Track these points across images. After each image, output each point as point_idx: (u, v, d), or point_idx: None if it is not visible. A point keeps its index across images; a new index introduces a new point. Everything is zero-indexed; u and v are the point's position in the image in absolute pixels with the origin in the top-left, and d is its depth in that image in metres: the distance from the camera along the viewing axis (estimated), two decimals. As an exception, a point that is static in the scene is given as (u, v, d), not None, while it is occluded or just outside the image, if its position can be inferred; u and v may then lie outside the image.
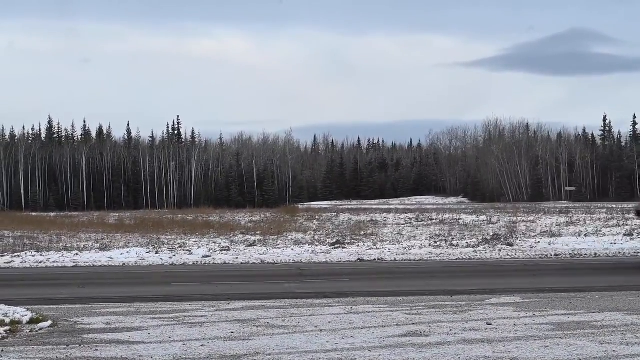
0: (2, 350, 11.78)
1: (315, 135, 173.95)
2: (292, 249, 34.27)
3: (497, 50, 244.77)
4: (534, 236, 39.69)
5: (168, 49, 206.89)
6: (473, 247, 34.44)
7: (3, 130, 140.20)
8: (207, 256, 31.58)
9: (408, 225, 52.71)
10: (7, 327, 13.68)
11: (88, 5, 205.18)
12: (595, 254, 31.43)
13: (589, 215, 57.87)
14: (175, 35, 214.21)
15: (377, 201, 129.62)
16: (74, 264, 29.95)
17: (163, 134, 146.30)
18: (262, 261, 30.03)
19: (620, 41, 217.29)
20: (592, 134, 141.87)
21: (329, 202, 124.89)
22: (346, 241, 38.25)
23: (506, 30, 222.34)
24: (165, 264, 29.89)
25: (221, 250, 34.09)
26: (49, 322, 14.29)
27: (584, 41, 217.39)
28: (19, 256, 32.33)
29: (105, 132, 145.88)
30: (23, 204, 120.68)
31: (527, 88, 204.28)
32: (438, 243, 36.51)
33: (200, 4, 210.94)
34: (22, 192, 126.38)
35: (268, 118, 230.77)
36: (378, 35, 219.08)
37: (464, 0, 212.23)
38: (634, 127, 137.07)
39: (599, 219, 53.56)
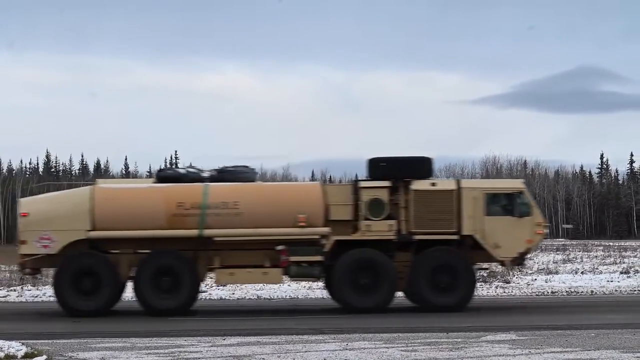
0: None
1: (313, 171, 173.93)
2: (289, 285, 34.13)
3: (504, 88, 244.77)
4: (530, 273, 39.62)
5: (174, 84, 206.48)
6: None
7: (0, 163, 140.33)
8: (204, 291, 31.47)
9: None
10: (2, 362, 13.66)
11: (99, 40, 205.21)
12: (592, 291, 31.39)
13: (585, 253, 57.82)
14: (183, 70, 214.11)
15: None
16: (70, 299, 29.83)
17: (160, 168, 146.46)
18: (258, 297, 29.97)
19: (629, 79, 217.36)
20: (590, 172, 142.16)
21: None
22: (343, 277, 38.11)
23: (514, 67, 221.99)
24: (162, 299, 29.78)
25: (217, 286, 33.94)
26: (44, 357, 14.26)
27: (592, 79, 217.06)
28: (15, 290, 32.25)
29: (102, 166, 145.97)
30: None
31: (529, 125, 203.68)
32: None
33: (210, 39, 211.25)
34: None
35: (268, 153, 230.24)
36: (383, 71, 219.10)
37: (472, 37, 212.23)
38: (631, 165, 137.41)
39: (596, 256, 53.53)
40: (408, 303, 25.51)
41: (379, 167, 24.50)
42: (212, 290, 32.16)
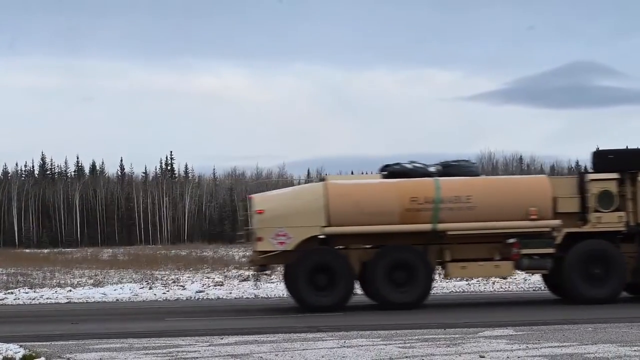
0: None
1: (308, 170, 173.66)
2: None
3: (498, 84, 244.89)
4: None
5: (170, 86, 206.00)
6: (467, 279, 34.39)
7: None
8: (201, 291, 31.52)
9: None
10: (0, 364, 13.66)
11: (95, 43, 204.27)
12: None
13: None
14: (178, 72, 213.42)
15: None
16: (68, 300, 29.88)
17: (156, 169, 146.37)
18: (255, 296, 29.98)
19: (624, 74, 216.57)
20: (586, 167, 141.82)
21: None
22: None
23: (508, 64, 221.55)
24: (159, 299, 29.83)
25: (215, 285, 34.02)
26: (42, 359, 14.26)
27: (586, 74, 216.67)
28: (12, 293, 32.22)
29: (98, 168, 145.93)
30: (16, 240, 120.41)
31: (524, 121, 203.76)
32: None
33: (206, 40, 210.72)
34: (16, 228, 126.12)
35: (264, 153, 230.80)
36: (379, 70, 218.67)
37: (466, 35, 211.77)
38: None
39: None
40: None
41: (606, 160, 24.74)
42: (209, 289, 32.20)
